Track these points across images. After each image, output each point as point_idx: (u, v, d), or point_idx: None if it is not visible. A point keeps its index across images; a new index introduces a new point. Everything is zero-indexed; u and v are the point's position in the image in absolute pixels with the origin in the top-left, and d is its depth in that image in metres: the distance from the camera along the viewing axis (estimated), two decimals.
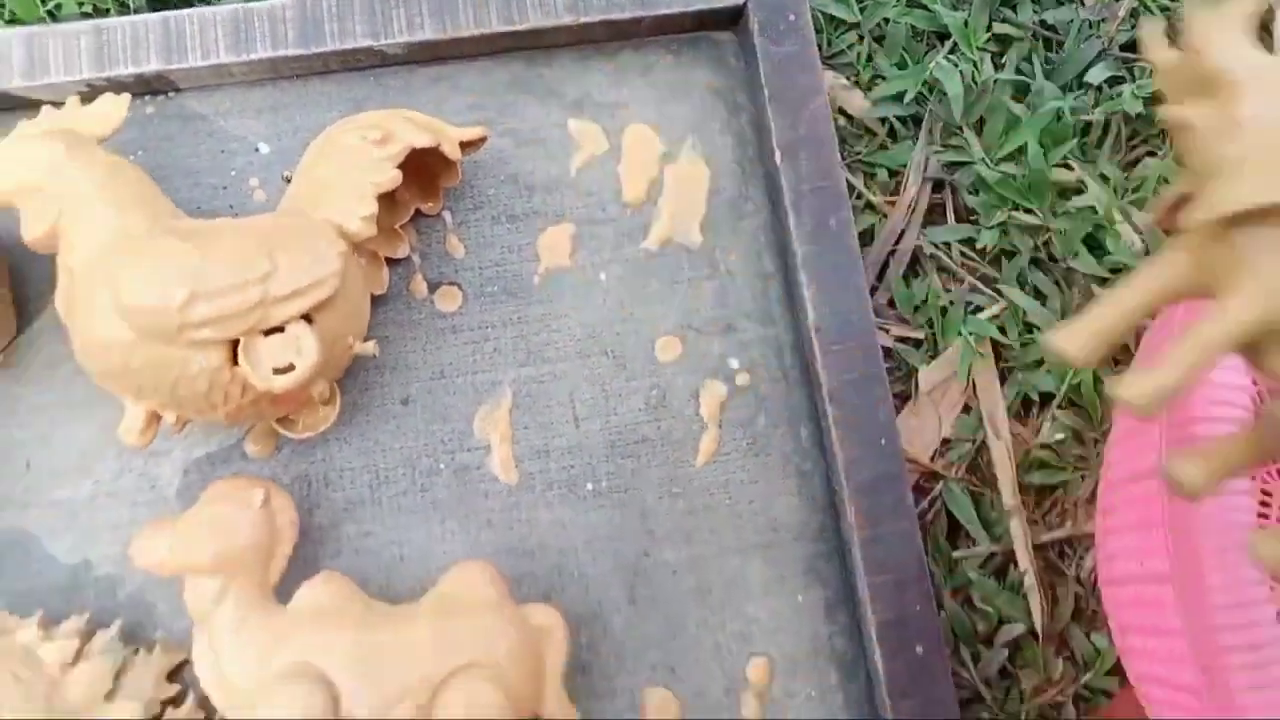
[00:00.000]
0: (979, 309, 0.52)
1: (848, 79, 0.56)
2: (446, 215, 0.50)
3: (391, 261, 0.50)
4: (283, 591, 0.43)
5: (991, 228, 0.52)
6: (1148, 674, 0.38)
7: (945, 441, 0.51)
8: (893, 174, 0.54)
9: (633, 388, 0.49)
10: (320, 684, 0.39)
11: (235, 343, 0.40)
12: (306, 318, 0.41)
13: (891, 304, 0.53)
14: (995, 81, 0.54)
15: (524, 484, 0.48)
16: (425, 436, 0.48)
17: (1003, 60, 0.56)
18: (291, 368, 0.40)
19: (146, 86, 0.50)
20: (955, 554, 0.49)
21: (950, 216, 0.54)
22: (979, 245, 0.52)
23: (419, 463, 0.48)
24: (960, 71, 0.54)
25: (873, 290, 0.55)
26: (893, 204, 0.53)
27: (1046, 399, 0.51)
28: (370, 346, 0.44)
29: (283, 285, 0.40)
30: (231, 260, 0.40)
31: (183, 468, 0.47)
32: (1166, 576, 0.32)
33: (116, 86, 0.49)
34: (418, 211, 0.50)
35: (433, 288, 0.50)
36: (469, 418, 0.49)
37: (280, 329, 0.40)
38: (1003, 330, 0.51)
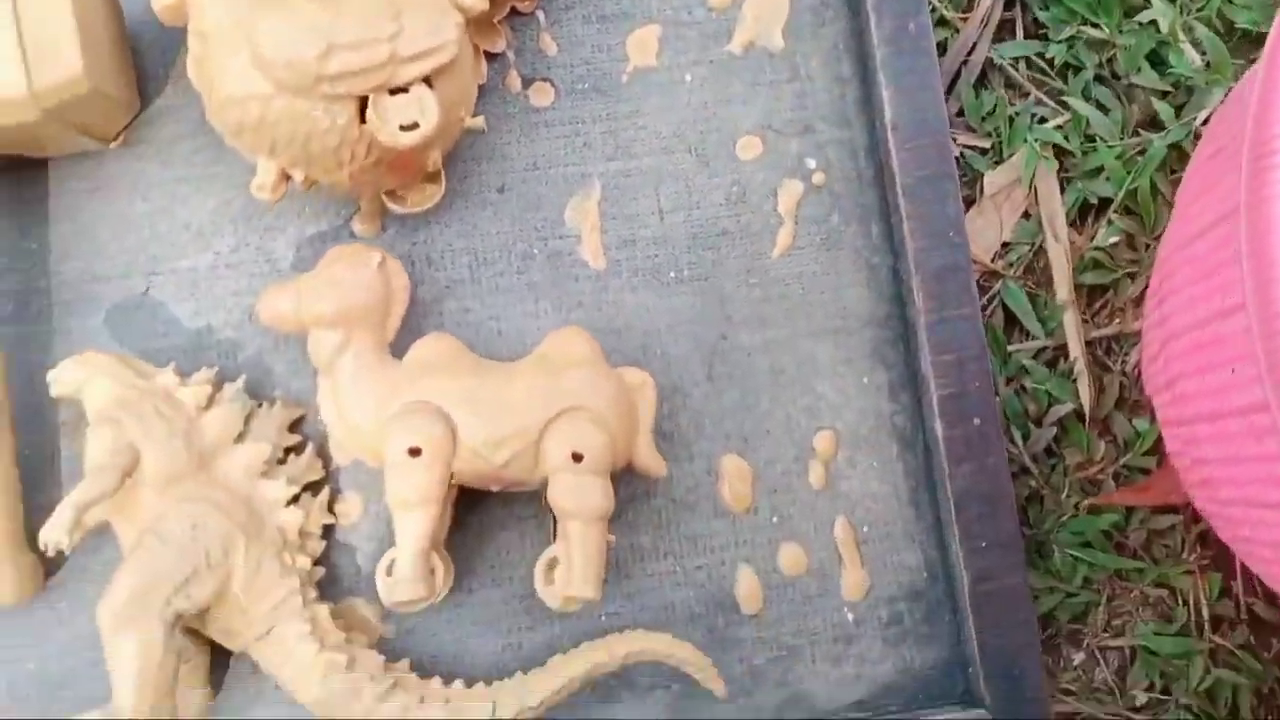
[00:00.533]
0: (1044, 120, 0.54)
1: None
2: (540, 14, 0.53)
3: (488, 56, 0.52)
4: (395, 352, 0.47)
5: (1059, 42, 0.54)
6: (1200, 413, 0.41)
7: (1005, 245, 0.54)
8: None
9: (714, 184, 0.52)
10: (439, 415, 0.43)
11: (363, 103, 0.43)
12: (427, 82, 0.43)
13: (960, 114, 0.55)
14: None
15: (612, 270, 0.51)
16: (520, 223, 0.51)
17: None
18: (415, 126, 0.43)
19: None
20: (1010, 347, 0.53)
21: (1019, 32, 0.56)
22: (1047, 58, 0.54)
23: (515, 247, 0.51)
24: None
25: None
26: (965, 19, 0.55)
27: (1104, 206, 0.54)
28: (479, 122, 0.47)
29: (409, 46, 0.42)
30: (362, 20, 0.42)
31: (296, 244, 0.51)
32: (1240, 306, 0.35)
33: None
34: (513, 10, 0.52)
35: (526, 83, 0.52)
36: (561, 207, 0.52)
37: (404, 90, 0.43)
38: (1065, 140, 0.54)
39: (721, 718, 0.48)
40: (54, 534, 0.41)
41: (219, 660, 0.47)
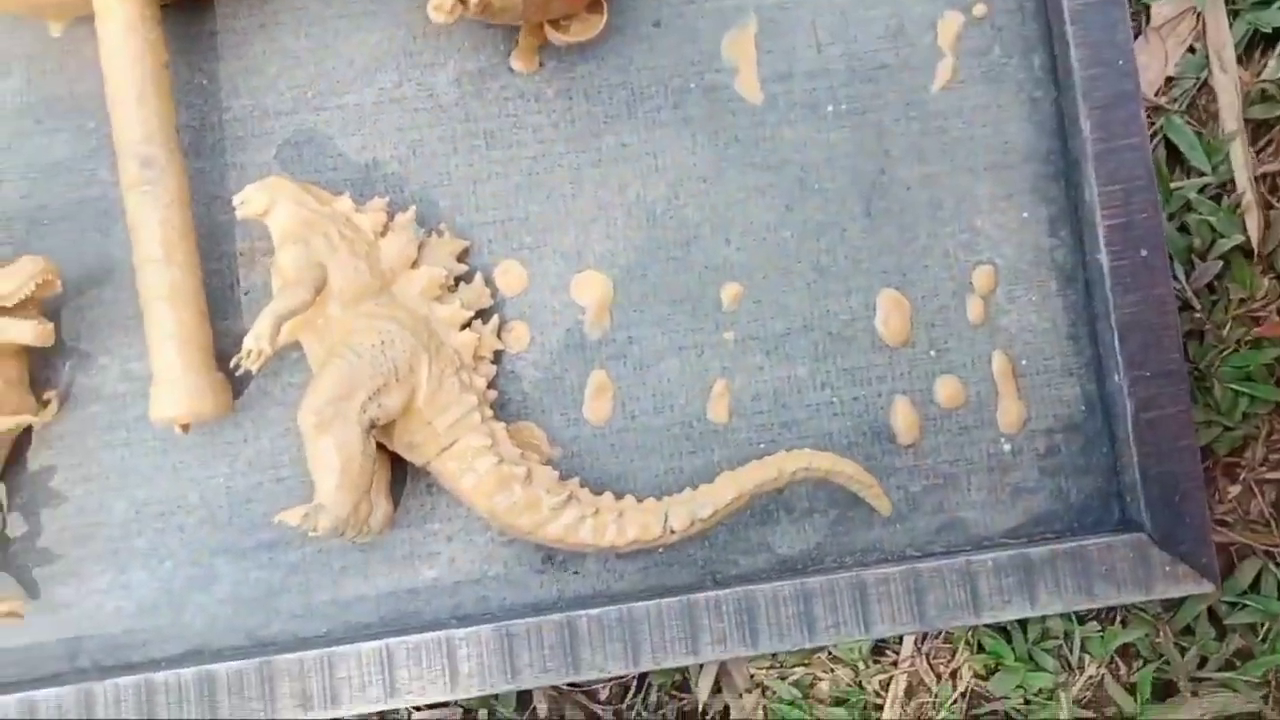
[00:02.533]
0: None
1: None
2: None
3: None
4: None
5: None
6: None
7: (1169, 79, 0.53)
8: None
9: (872, 16, 0.51)
10: None
11: None
12: None
13: None
14: None
15: (768, 104, 0.51)
16: (676, 56, 0.51)
17: None
18: None
19: None
20: (1174, 184, 0.52)
21: None
22: None
23: (671, 81, 0.51)
24: None
25: None
26: None
27: (1273, 39, 0.52)
28: None
29: None
30: None
31: (456, 78, 0.51)
32: None
33: None
34: None
35: None
36: (717, 41, 0.51)
37: None
38: None
39: (877, 541, 0.50)
40: (258, 342, 0.43)
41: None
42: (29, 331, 0.46)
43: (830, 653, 0.54)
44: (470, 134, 0.51)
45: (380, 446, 0.47)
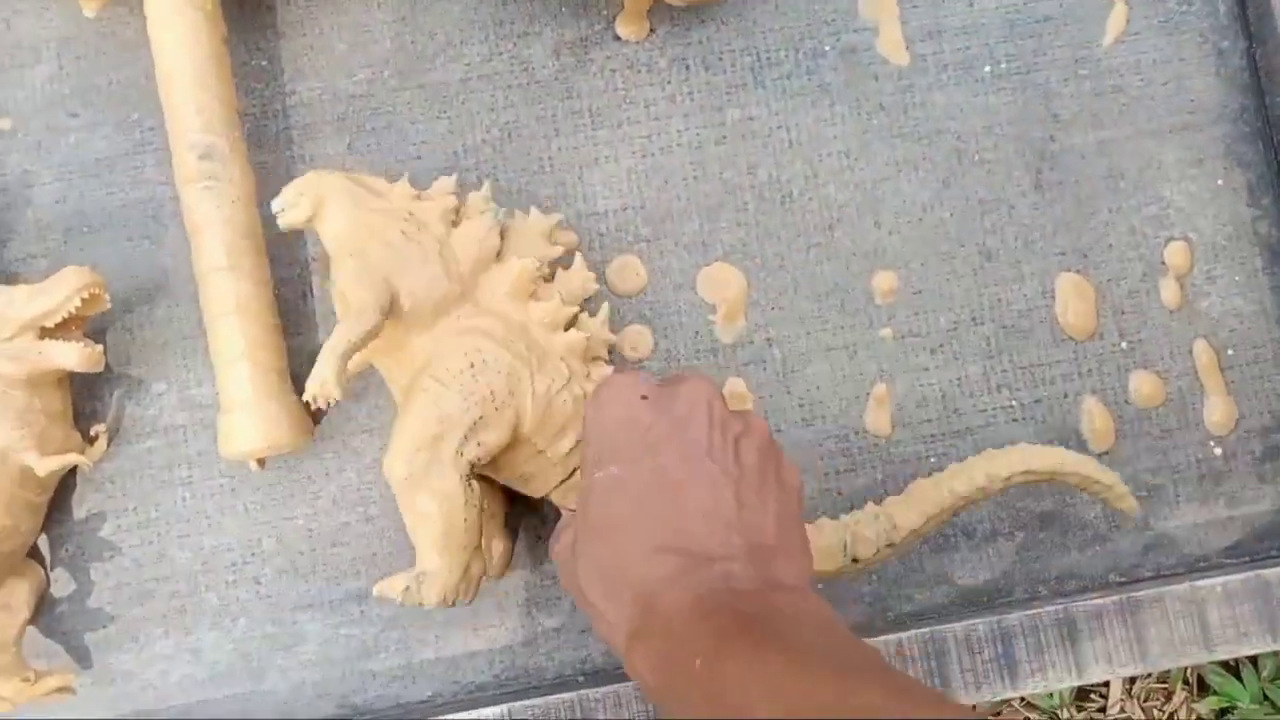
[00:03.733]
0: None
1: None
2: None
3: None
4: None
5: None
6: None
7: None
8: None
9: None
10: None
11: None
12: None
13: None
14: None
15: (916, 66, 0.45)
16: (808, 16, 0.45)
17: None
18: None
19: None
20: None
21: None
22: None
23: (803, 44, 0.45)
24: None
25: None
26: None
27: None
28: None
29: None
30: None
31: (555, 49, 0.45)
32: None
33: None
34: None
35: None
36: None
37: None
38: None
39: (1074, 567, 0.43)
40: (323, 387, 0.35)
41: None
42: (74, 355, 0.38)
43: (1025, 698, 0.47)
44: (573, 112, 0.44)
45: (489, 482, 0.40)
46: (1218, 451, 0.43)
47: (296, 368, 0.42)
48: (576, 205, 0.44)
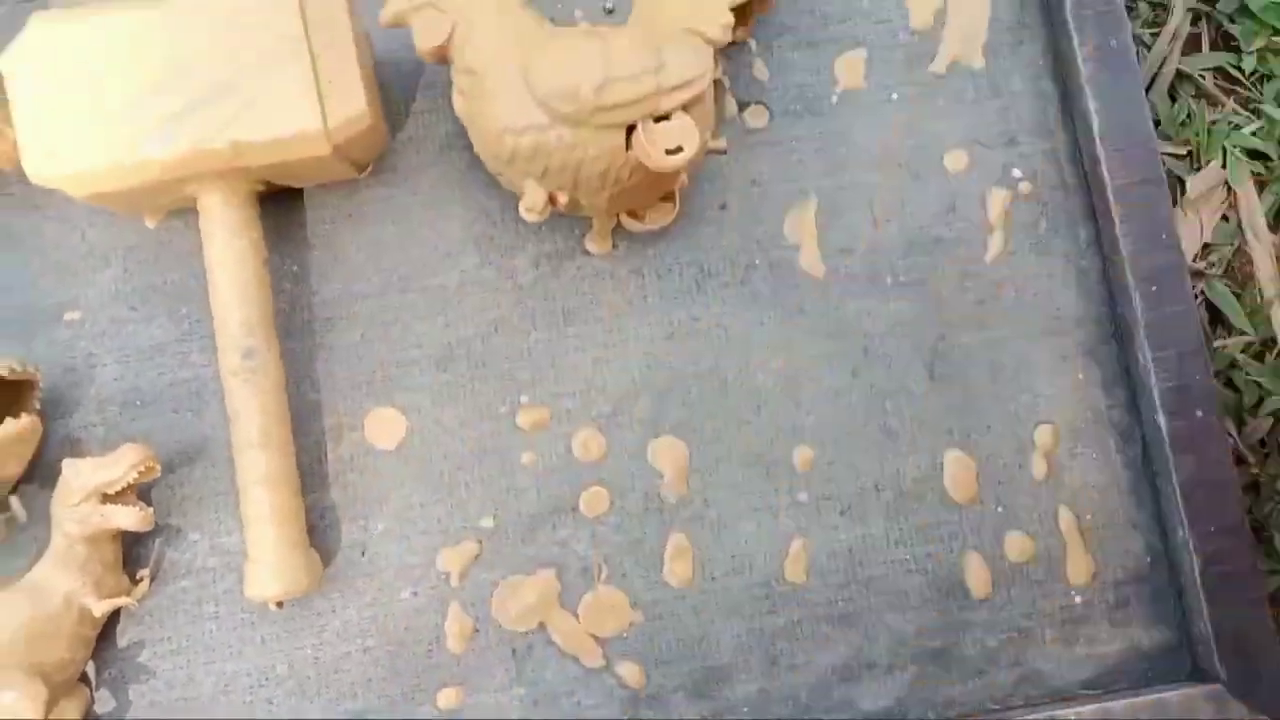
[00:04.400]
0: (1238, 127, 0.57)
1: None
2: (752, 42, 0.56)
3: None
4: None
5: (1250, 52, 0.57)
6: None
7: (1205, 246, 0.56)
8: (1153, 6, 0.59)
9: (925, 195, 0.55)
10: None
11: (630, 129, 0.46)
12: (685, 109, 0.47)
13: (1156, 123, 0.58)
14: None
15: (831, 277, 0.54)
16: (743, 236, 0.54)
17: None
18: (679, 150, 0.46)
19: None
20: (1217, 343, 0.55)
21: (1205, 46, 0.59)
22: (1238, 68, 0.56)
23: (738, 259, 0.54)
24: None
25: None
26: (1154, 35, 0.58)
27: None
28: (722, 143, 0.50)
29: (671, 78, 0.46)
30: (628, 53, 0.46)
31: (535, 260, 0.54)
32: None
33: None
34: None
35: (742, 106, 0.56)
36: (780, 221, 0.55)
37: (667, 118, 0.46)
38: (1262, 145, 0.56)
39: (958, 696, 0.51)
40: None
41: None
42: (131, 518, 0.47)
43: None
44: (549, 312, 0.53)
45: None
46: (1078, 600, 0.51)
47: (314, 520, 0.51)
48: (550, 386, 0.53)
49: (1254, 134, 0.57)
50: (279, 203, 0.53)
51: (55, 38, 0.46)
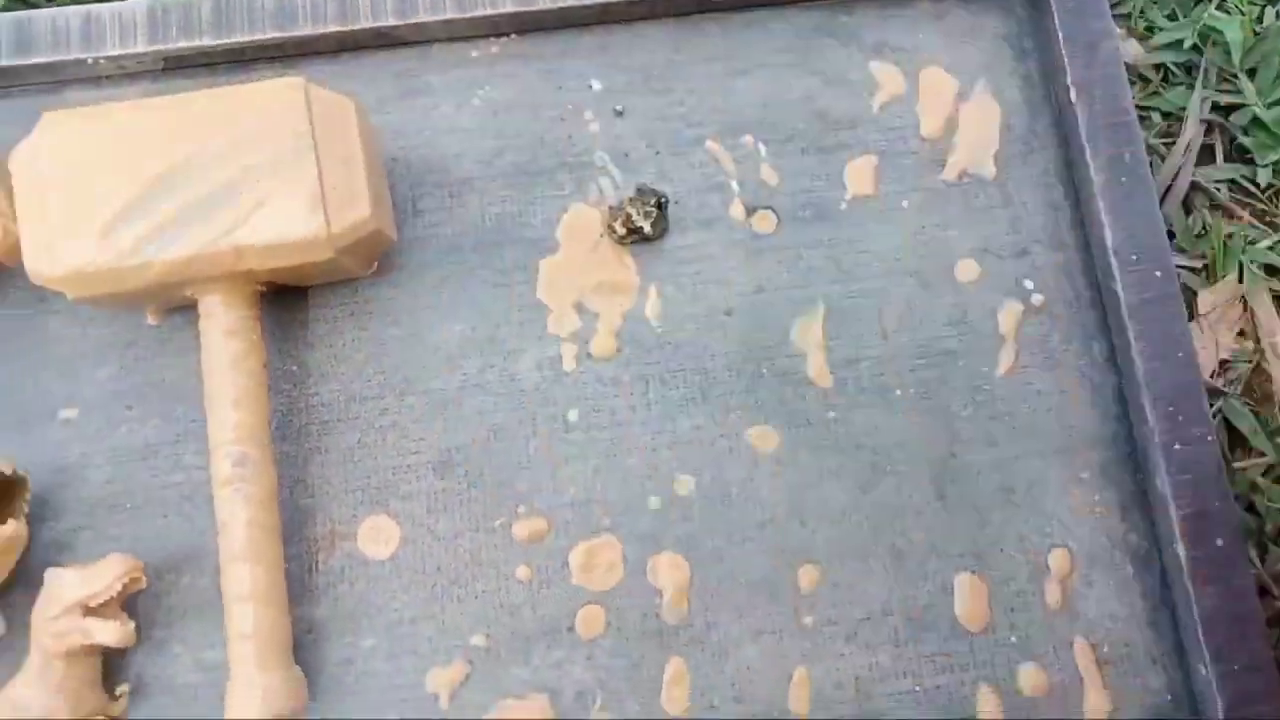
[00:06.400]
0: (1254, 241, 0.56)
1: (1123, 29, 0.60)
2: (761, 146, 0.56)
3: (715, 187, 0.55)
4: None
5: (1265, 166, 0.56)
6: None
7: (1223, 363, 0.55)
8: (1165, 116, 0.58)
9: (935, 305, 0.54)
10: None
11: None
12: None
13: (1170, 235, 0.57)
14: (1274, 28, 0.57)
15: (838, 388, 0.53)
16: (749, 344, 0.53)
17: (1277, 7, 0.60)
18: None
19: (494, 28, 0.56)
20: (1236, 464, 0.53)
21: (1219, 157, 0.58)
22: (1253, 181, 0.55)
23: (744, 368, 0.53)
24: (1240, 19, 0.58)
25: None
26: (1167, 145, 0.57)
27: None
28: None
29: None
30: None
31: (537, 364, 0.53)
32: None
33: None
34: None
35: (750, 212, 0.55)
36: (786, 329, 0.54)
37: None
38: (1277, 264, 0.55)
39: None
40: None
41: None
42: (113, 634, 0.45)
43: None
44: (549, 418, 0.52)
45: None
46: None
47: (300, 635, 0.49)
48: (548, 498, 0.52)
49: (1270, 248, 0.56)
50: (281, 299, 0.53)
51: (65, 134, 0.46)
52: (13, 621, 0.49)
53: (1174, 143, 0.58)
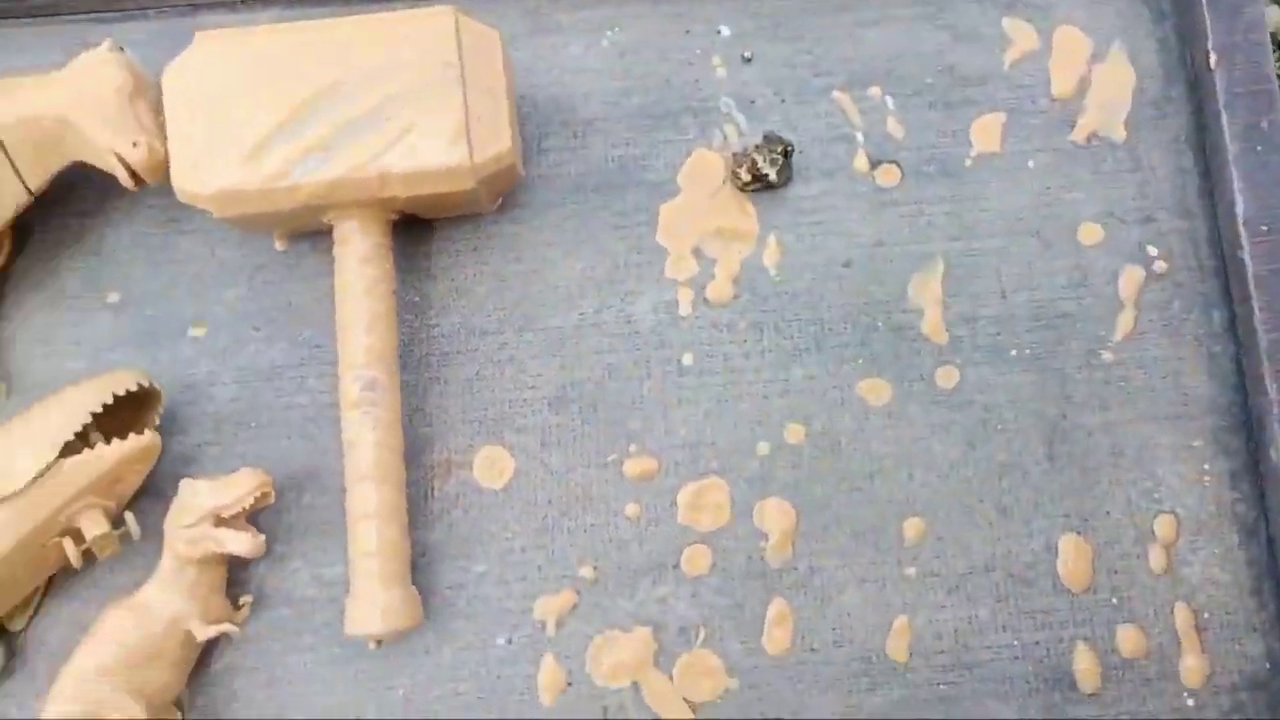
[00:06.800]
0: None
1: None
2: (888, 99, 0.55)
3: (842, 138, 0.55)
4: None
5: None
6: None
7: None
8: None
9: (1056, 267, 0.54)
10: None
11: None
12: None
13: None
14: None
15: (953, 345, 0.53)
16: (865, 296, 0.54)
17: None
18: None
19: None
20: None
21: None
22: None
23: (859, 319, 0.53)
24: None
25: None
26: None
27: None
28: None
29: None
30: None
31: (654, 307, 0.53)
32: None
33: None
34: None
35: (874, 164, 0.55)
36: (904, 283, 0.54)
37: None
38: None
39: None
40: None
41: None
42: (245, 544, 0.47)
43: None
44: (664, 360, 0.53)
45: None
46: (1190, 703, 0.50)
47: (416, 558, 0.51)
48: (660, 438, 0.52)
49: None
50: (406, 230, 0.54)
51: (216, 55, 0.47)
52: (144, 529, 0.51)
53: None
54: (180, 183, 0.47)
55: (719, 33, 0.56)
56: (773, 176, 0.53)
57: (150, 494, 0.51)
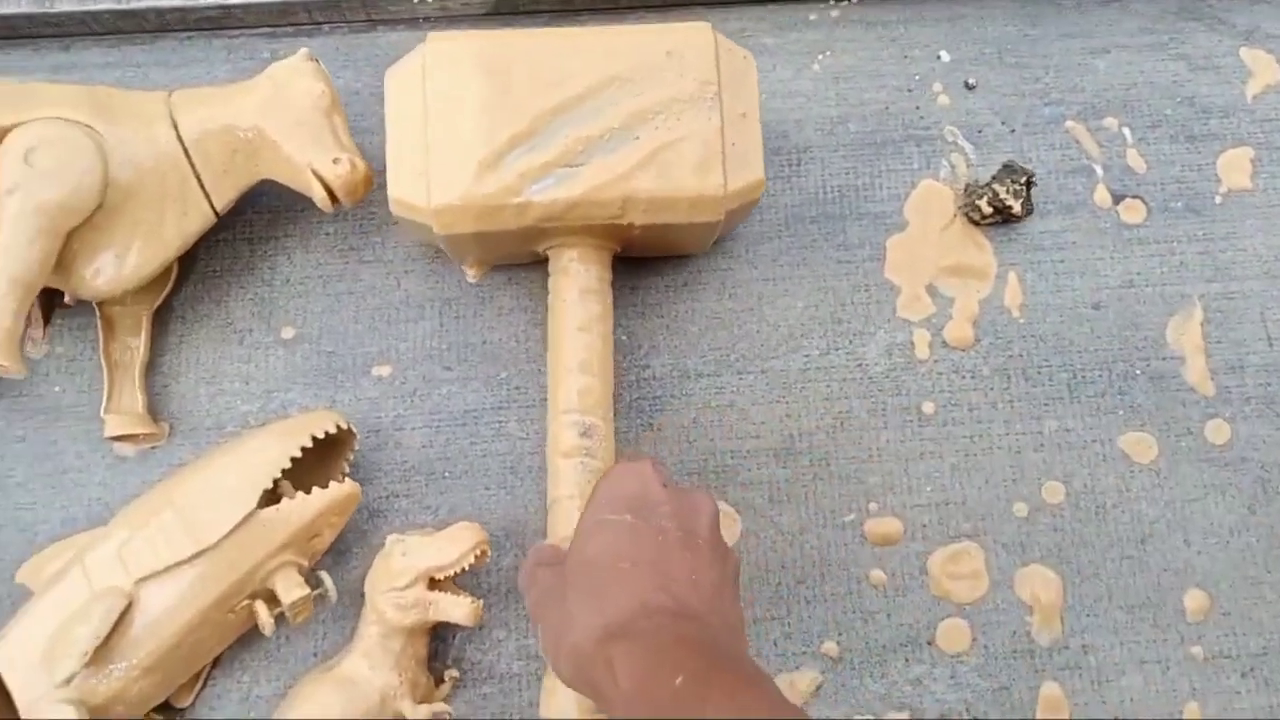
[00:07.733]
0: None
1: None
2: (1126, 131, 0.51)
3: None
4: None
5: None
6: None
7: None
8: None
9: None
10: None
11: None
12: None
13: None
14: None
15: (1221, 396, 0.48)
16: (1120, 341, 0.49)
17: None
18: None
19: None
20: None
21: None
22: None
23: (1114, 366, 0.48)
24: None
25: None
26: None
27: None
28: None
29: None
30: None
31: (887, 348, 0.48)
32: None
33: None
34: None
35: (1116, 199, 0.50)
36: (1161, 327, 0.49)
37: None
38: None
39: None
40: None
41: None
42: (464, 611, 0.40)
43: None
44: (902, 408, 0.48)
45: None
46: None
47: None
48: (902, 496, 0.47)
49: None
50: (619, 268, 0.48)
51: (447, 58, 0.41)
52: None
53: None
54: (398, 194, 0.41)
55: (939, 58, 0.52)
56: (1016, 208, 0.49)
57: (332, 550, 0.45)
